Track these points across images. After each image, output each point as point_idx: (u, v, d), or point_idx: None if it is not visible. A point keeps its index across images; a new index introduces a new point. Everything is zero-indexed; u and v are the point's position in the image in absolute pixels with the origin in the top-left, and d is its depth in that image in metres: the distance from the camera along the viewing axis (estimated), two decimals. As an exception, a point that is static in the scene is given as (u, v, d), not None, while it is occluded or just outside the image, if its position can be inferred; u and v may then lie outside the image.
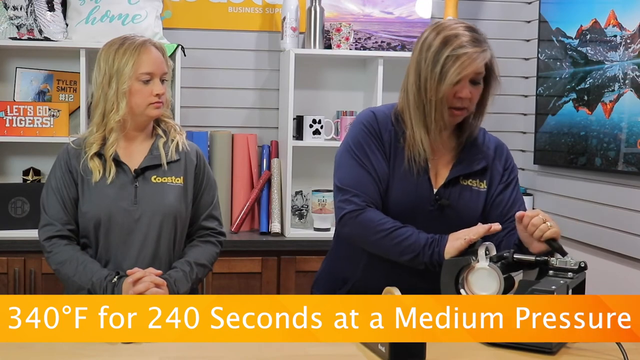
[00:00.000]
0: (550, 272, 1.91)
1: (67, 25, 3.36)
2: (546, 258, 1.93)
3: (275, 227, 3.43)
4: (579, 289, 1.92)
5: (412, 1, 3.68)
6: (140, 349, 1.71)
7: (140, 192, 2.21)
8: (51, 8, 3.31)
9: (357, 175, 2.06)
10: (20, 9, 3.29)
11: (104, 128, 2.21)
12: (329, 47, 3.55)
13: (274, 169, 3.52)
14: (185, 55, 3.38)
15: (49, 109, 3.30)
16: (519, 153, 3.85)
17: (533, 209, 3.66)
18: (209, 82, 3.62)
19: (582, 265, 1.91)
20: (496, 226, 1.93)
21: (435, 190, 2.09)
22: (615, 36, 3.03)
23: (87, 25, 3.33)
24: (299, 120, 3.51)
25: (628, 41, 2.95)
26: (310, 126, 3.47)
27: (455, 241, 1.95)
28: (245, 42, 3.63)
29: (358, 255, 2.15)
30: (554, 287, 1.75)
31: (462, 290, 1.89)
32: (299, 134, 3.52)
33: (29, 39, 3.30)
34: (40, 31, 3.30)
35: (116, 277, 2.11)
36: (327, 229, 3.42)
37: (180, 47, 3.32)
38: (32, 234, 3.12)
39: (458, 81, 2.00)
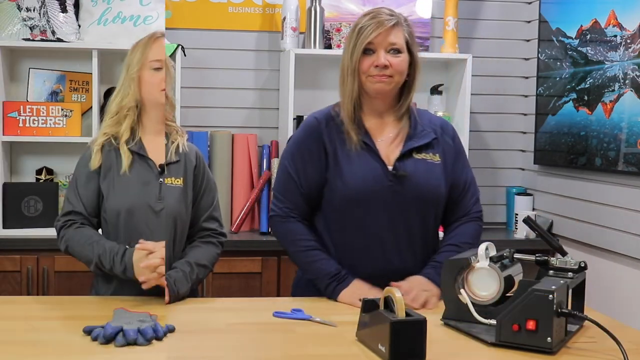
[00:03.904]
0: (550, 272, 1.91)
1: (79, 26, 3.38)
2: (546, 258, 1.94)
3: (276, 227, 3.42)
4: (579, 289, 1.92)
5: (412, 1, 3.68)
6: (140, 348, 1.70)
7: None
8: (64, 9, 3.33)
9: (285, 182, 2.22)
10: (33, 10, 3.31)
11: (119, 116, 2.24)
12: (329, 47, 3.54)
13: (274, 169, 3.52)
14: (185, 55, 3.38)
15: (62, 109, 3.32)
16: (519, 153, 3.85)
17: (533, 209, 3.66)
18: (209, 82, 3.62)
19: (582, 265, 1.91)
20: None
21: (390, 167, 2.14)
22: (615, 36, 3.03)
23: (99, 26, 3.36)
24: (299, 120, 3.50)
25: (628, 41, 2.95)
26: (310, 126, 3.46)
27: (353, 298, 2.06)
28: (245, 42, 3.64)
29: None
30: (554, 287, 1.75)
31: (462, 290, 1.89)
32: (299, 134, 3.51)
33: (41, 40, 3.32)
34: (53, 32, 3.32)
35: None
36: (327, 229, 3.41)
37: (180, 47, 3.32)
38: (45, 232, 3.20)
39: (371, 50, 2.11)
